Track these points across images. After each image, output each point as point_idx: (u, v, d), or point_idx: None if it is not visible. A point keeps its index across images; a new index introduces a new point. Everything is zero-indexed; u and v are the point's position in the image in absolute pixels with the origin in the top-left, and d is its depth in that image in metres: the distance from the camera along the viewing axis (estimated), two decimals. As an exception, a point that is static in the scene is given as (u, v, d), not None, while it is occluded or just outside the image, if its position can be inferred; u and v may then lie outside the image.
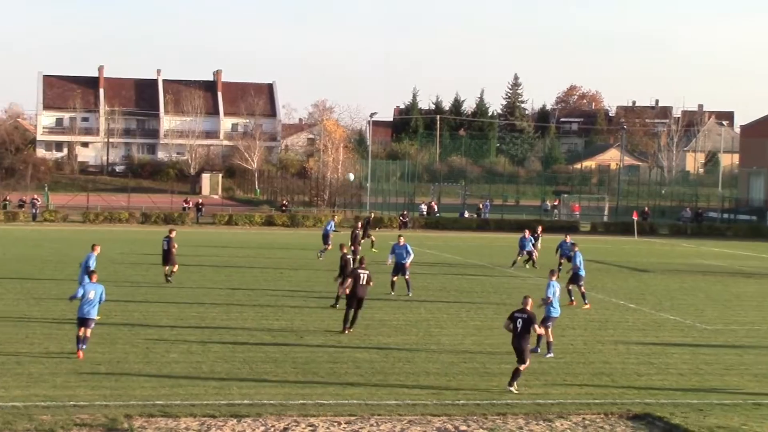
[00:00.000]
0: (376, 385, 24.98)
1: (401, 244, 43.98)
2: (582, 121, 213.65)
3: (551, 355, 29.14)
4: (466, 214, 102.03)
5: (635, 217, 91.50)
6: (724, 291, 48.47)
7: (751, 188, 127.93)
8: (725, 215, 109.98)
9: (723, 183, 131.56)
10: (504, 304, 41.02)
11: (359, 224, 59.33)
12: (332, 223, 62.86)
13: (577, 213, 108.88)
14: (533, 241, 57.35)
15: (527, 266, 56.37)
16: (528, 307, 25.36)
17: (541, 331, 27.07)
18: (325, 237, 60.48)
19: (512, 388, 24.76)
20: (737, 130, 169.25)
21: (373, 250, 63.58)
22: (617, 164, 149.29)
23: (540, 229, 62.21)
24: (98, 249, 36.55)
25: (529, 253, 56.79)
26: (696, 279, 54.00)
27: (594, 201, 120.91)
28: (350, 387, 24.75)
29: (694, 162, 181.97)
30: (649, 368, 28.21)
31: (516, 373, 25.02)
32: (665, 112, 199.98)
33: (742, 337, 34.30)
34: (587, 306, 40.15)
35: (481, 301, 41.78)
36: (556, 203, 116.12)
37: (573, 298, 40.75)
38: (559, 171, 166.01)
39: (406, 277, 43.10)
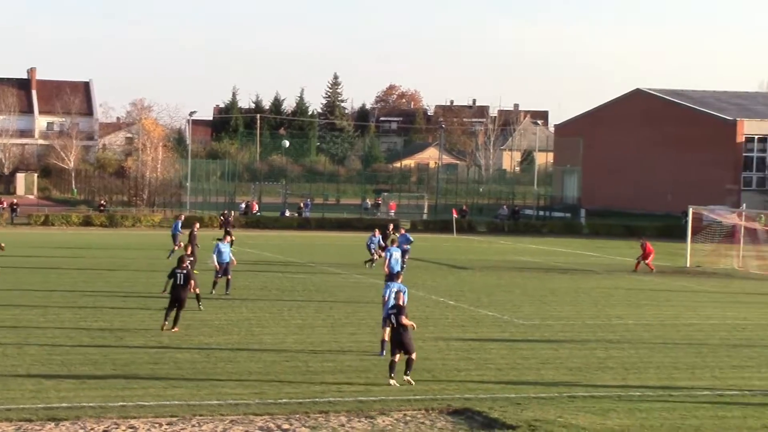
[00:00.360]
0: (198, 386, 24.80)
1: (226, 242, 43.79)
2: (401, 120, 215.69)
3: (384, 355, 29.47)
4: (287, 213, 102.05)
5: (454, 215, 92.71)
6: (540, 287, 49.51)
7: (565, 186, 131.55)
8: (541, 212, 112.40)
9: (538, 181, 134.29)
10: (326, 301, 41.18)
11: (196, 225, 59.07)
12: (179, 223, 62.55)
13: (393, 211, 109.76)
14: (379, 240, 57.20)
15: (368, 266, 56.06)
16: (400, 302, 26.60)
17: (410, 323, 27.37)
18: (174, 237, 60.32)
19: (408, 378, 25.60)
20: (551, 129, 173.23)
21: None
22: (436, 163, 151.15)
23: (391, 227, 62.52)
24: None
25: (371, 252, 56.74)
26: (513, 275, 55.03)
27: (413, 199, 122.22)
28: (172, 388, 24.51)
29: (510, 160, 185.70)
30: (469, 364, 28.64)
31: (409, 363, 25.73)
32: (482, 111, 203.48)
33: (558, 332, 35.11)
34: None
35: (302, 300, 41.82)
36: (379, 201, 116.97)
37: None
38: (379, 170, 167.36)
39: (229, 276, 42.85)
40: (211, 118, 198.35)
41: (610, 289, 49.58)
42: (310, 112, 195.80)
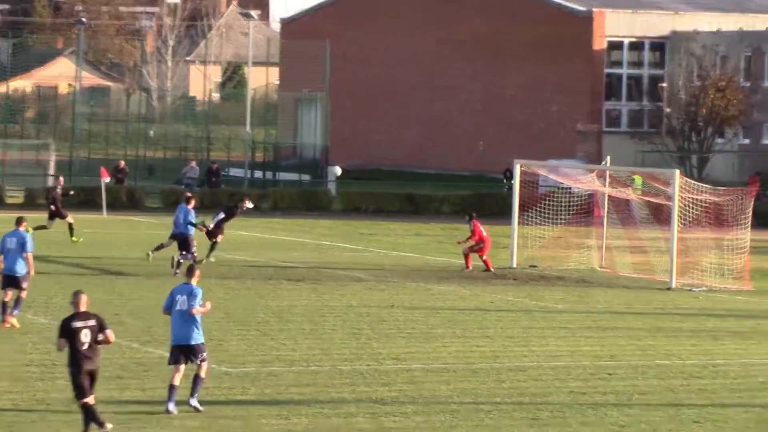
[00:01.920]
0: None
1: None
2: (7, 11, 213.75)
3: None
4: None
5: (104, 179, 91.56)
6: (258, 307, 49.70)
7: (302, 126, 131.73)
8: (258, 174, 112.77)
9: (254, 119, 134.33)
10: None
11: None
12: None
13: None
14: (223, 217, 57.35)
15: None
16: (84, 307, 26.18)
17: (112, 337, 26.93)
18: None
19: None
20: (275, 26, 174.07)
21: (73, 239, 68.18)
22: (71, 85, 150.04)
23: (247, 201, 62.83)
24: None
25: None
26: (210, 285, 54.83)
27: (30, 151, 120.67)
28: None
29: (203, 82, 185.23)
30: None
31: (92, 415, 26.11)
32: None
33: (289, 386, 35.00)
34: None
35: None
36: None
37: None
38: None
39: None
40: None
41: (381, 308, 50.01)
42: None
